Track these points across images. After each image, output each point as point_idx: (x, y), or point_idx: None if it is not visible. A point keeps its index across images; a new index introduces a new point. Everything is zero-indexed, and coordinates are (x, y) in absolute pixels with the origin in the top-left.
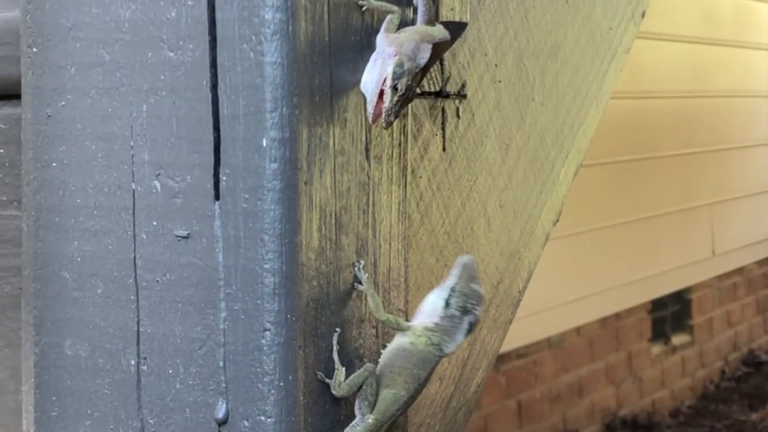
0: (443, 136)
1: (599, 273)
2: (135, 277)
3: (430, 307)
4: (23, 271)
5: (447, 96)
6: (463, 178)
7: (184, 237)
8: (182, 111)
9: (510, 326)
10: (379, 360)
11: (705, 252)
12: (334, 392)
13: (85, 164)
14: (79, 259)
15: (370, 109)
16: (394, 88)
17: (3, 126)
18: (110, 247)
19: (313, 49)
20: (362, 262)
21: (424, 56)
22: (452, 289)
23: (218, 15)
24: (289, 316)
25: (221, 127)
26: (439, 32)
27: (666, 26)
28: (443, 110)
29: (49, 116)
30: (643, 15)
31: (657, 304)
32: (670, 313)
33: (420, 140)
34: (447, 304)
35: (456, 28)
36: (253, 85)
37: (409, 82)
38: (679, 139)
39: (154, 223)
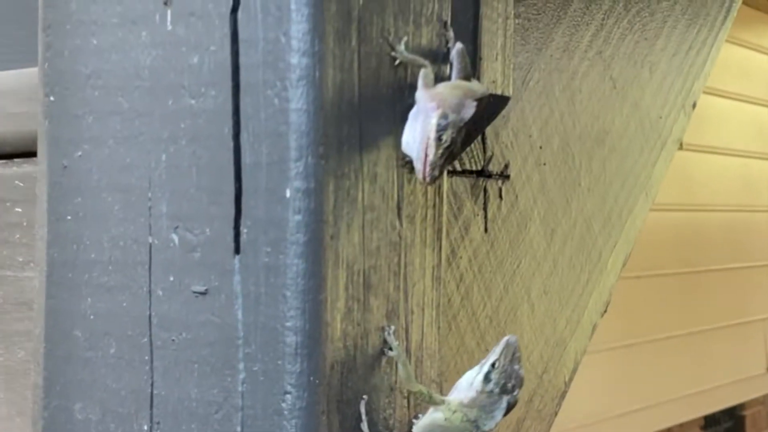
0: (485, 217)
1: (650, 386)
2: (150, 336)
3: (467, 382)
4: (34, 330)
5: (489, 176)
6: (506, 261)
7: (201, 293)
8: (203, 160)
9: (554, 419)
10: None
11: (759, 368)
12: None
13: (100, 217)
14: (92, 316)
15: (419, 166)
16: (439, 140)
17: (21, 184)
18: (124, 304)
19: (341, 97)
20: (393, 327)
21: (469, 111)
22: (493, 365)
23: (242, 60)
24: (311, 378)
25: (243, 176)
26: (478, 87)
27: (718, 140)
28: (485, 190)
29: (65, 167)
30: (694, 106)
31: (710, 420)
32: (723, 430)
33: (461, 219)
34: (487, 379)
35: (498, 102)
36: (277, 133)
37: (453, 135)
38: (731, 253)
39: (171, 279)
